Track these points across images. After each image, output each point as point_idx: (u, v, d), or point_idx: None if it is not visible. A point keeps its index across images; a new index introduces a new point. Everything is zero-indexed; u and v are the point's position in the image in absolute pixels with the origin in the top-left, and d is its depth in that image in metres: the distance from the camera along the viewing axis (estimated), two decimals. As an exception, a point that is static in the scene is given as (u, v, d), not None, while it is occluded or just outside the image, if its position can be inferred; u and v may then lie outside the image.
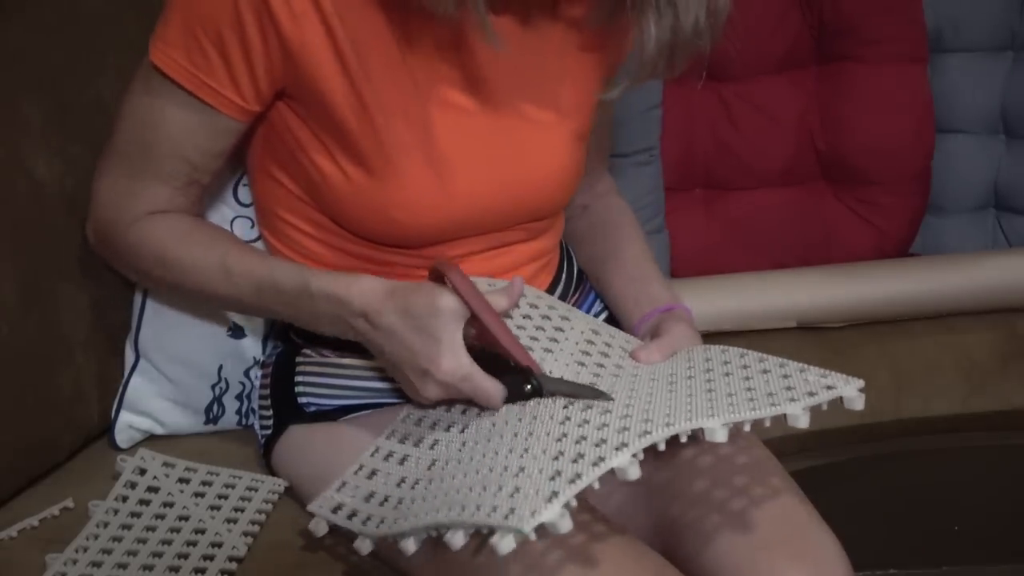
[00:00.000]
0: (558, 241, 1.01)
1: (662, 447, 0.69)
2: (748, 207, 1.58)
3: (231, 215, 1.02)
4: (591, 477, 0.64)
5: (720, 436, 0.69)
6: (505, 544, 0.62)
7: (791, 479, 0.85)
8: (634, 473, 0.66)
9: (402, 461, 0.81)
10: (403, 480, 0.79)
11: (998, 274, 1.39)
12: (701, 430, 0.70)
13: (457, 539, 0.66)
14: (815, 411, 0.74)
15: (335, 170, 0.85)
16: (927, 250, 1.63)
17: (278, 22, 0.78)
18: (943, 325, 1.39)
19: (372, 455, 0.84)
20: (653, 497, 0.86)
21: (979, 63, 1.60)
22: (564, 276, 1.02)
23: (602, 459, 0.65)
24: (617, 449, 0.66)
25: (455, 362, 0.76)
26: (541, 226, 0.95)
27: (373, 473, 0.82)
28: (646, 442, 0.67)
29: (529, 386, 0.78)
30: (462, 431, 0.80)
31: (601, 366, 0.85)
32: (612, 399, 0.76)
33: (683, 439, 0.70)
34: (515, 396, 0.78)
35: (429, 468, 0.78)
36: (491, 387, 0.77)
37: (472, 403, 0.81)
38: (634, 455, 0.66)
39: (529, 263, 0.95)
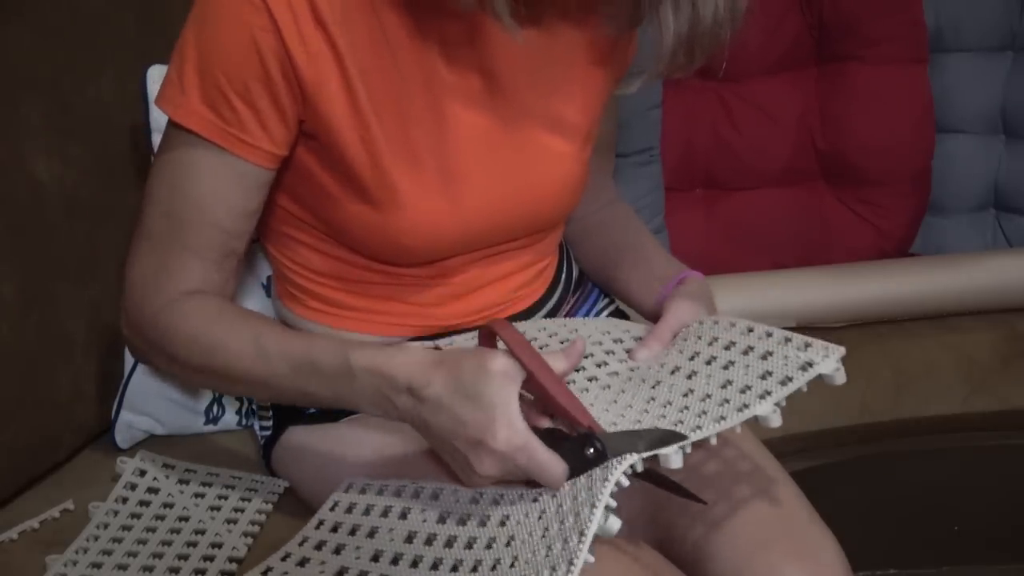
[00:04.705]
0: (557, 246, 1.01)
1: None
2: (748, 207, 1.58)
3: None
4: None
5: (676, 462, 0.68)
6: None
7: (791, 479, 0.85)
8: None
9: (337, 551, 0.77)
10: (343, 571, 0.75)
11: (998, 274, 1.39)
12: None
13: None
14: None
15: (346, 203, 0.84)
16: (927, 250, 1.63)
17: (296, 63, 0.78)
18: (943, 325, 1.39)
19: (331, 509, 0.81)
20: (648, 495, 0.86)
21: (979, 63, 1.60)
22: (564, 278, 1.01)
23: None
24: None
25: (510, 430, 0.68)
26: (543, 234, 0.95)
27: (304, 561, 0.78)
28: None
29: (592, 450, 0.69)
30: (403, 517, 0.76)
31: (593, 379, 0.83)
32: (686, 437, 0.69)
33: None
34: (576, 467, 0.70)
35: (375, 560, 0.75)
36: (551, 462, 0.69)
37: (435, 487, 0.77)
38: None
39: (527, 268, 0.95)
